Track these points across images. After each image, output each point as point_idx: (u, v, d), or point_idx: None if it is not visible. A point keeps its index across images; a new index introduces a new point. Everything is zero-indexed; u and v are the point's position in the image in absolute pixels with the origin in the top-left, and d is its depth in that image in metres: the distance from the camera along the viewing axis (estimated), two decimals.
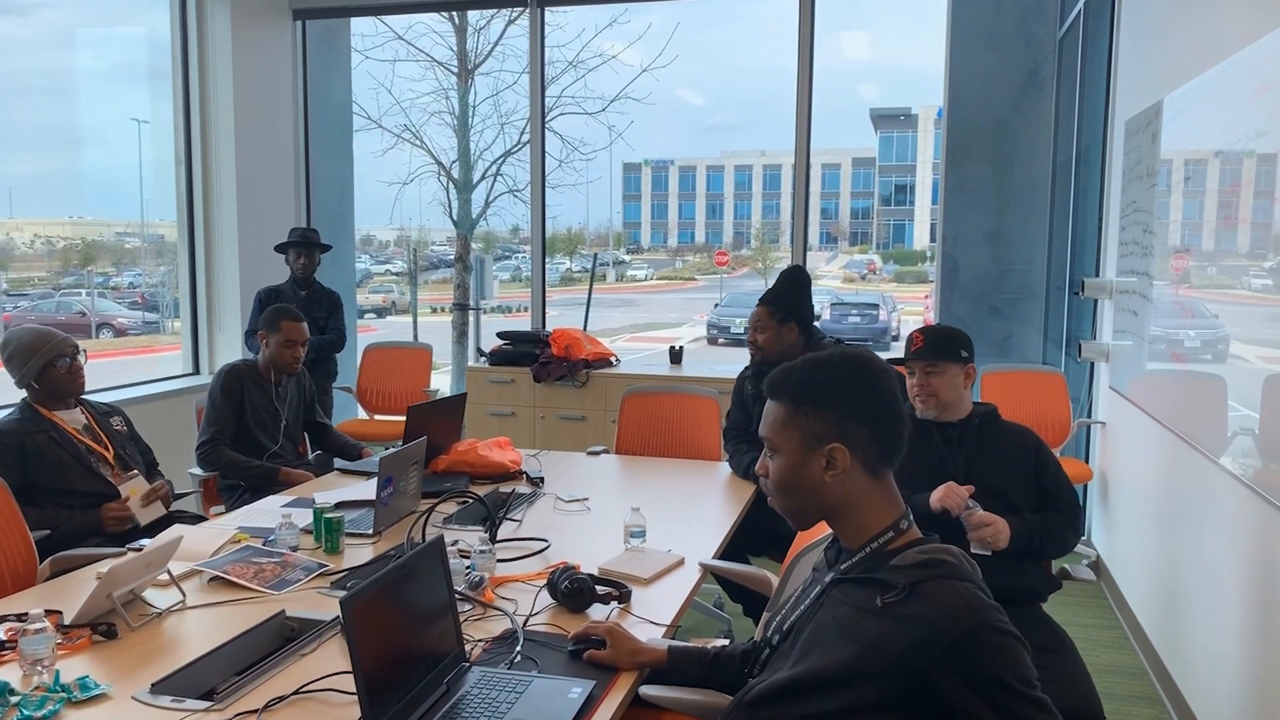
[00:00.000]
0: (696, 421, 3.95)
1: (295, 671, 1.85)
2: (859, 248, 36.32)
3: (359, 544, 2.63)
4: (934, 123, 39.50)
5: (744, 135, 50.76)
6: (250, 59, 5.31)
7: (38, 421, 2.90)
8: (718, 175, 43.77)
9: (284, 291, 4.92)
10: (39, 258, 12.98)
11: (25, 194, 7.70)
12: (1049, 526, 2.55)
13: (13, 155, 5.89)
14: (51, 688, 1.72)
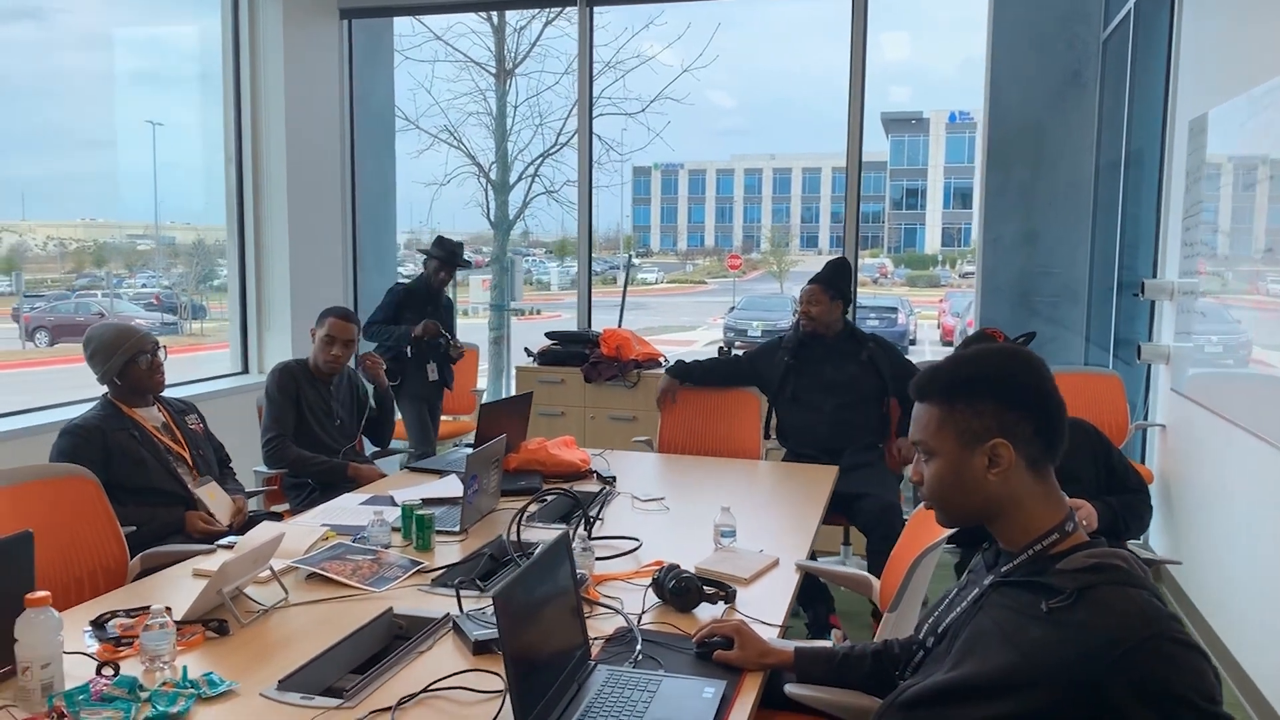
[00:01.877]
0: (738, 418, 4.01)
1: (416, 670, 1.83)
2: (870, 251, 36.30)
3: (447, 541, 2.61)
4: (946, 127, 39.49)
5: (754, 139, 50.66)
6: (300, 58, 5.31)
7: (119, 418, 2.89)
8: (727, 179, 43.78)
9: (417, 291, 5.01)
10: (51, 259, 13.04)
11: (37, 197, 7.70)
12: (1128, 506, 2.56)
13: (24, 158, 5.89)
14: (180, 683, 1.71)
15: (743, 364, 4.15)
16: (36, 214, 9.31)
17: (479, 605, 2.11)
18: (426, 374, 4.93)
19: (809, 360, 3.92)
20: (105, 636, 1.95)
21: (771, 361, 4.01)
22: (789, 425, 3.95)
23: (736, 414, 4.04)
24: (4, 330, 13.36)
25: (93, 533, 2.54)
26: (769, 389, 4.00)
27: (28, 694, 1.64)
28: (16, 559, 1.77)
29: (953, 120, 39.07)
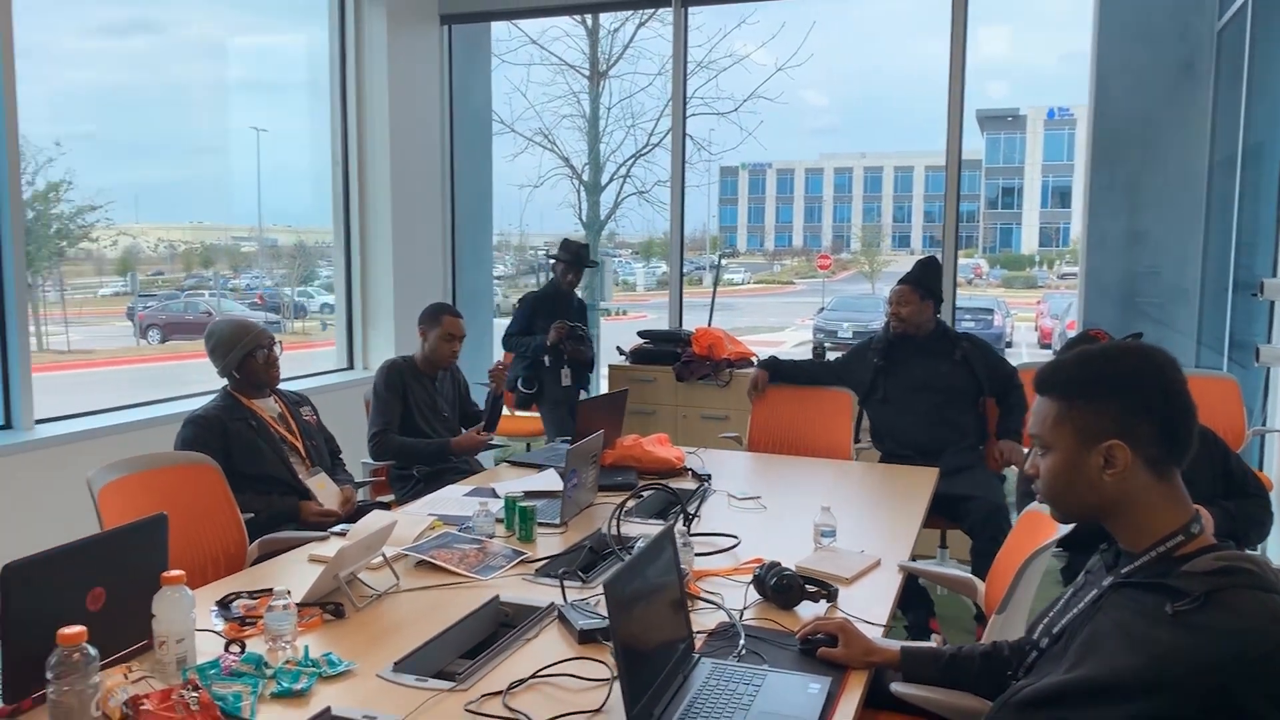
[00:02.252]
0: (830, 416, 3.98)
1: (523, 656, 1.87)
2: (965, 252, 35.45)
3: (548, 533, 2.66)
4: (1044, 123, 38.32)
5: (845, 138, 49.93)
6: (403, 64, 5.47)
7: (238, 409, 3.03)
8: (816, 178, 43.26)
9: (547, 297, 5.06)
10: (162, 260, 13.59)
11: (150, 201, 8.05)
12: (1247, 512, 2.46)
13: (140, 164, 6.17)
14: (302, 662, 1.78)
15: (835, 365, 4.13)
16: (149, 217, 9.71)
17: (581, 596, 2.16)
18: (561, 379, 4.92)
19: (900, 361, 3.88)
20: (230, 616, 2.05)
21: (862, 363, 3.98)
22: (883, 426, 3.91)
23: (828, 413, 4.00)
24: (120, 328, 14.03)
25: (215, 518, 2.67)
26: (860, 390, 3.96)
27: (164, 666, 1.73)
28: (153, 539, 1.88)
29: (1051, 116, 37.89)
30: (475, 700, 1.67)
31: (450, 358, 3.77)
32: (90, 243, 8.03)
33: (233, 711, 1.60)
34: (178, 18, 6.17)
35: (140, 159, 6.28)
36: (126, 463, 2.53)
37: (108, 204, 6.72)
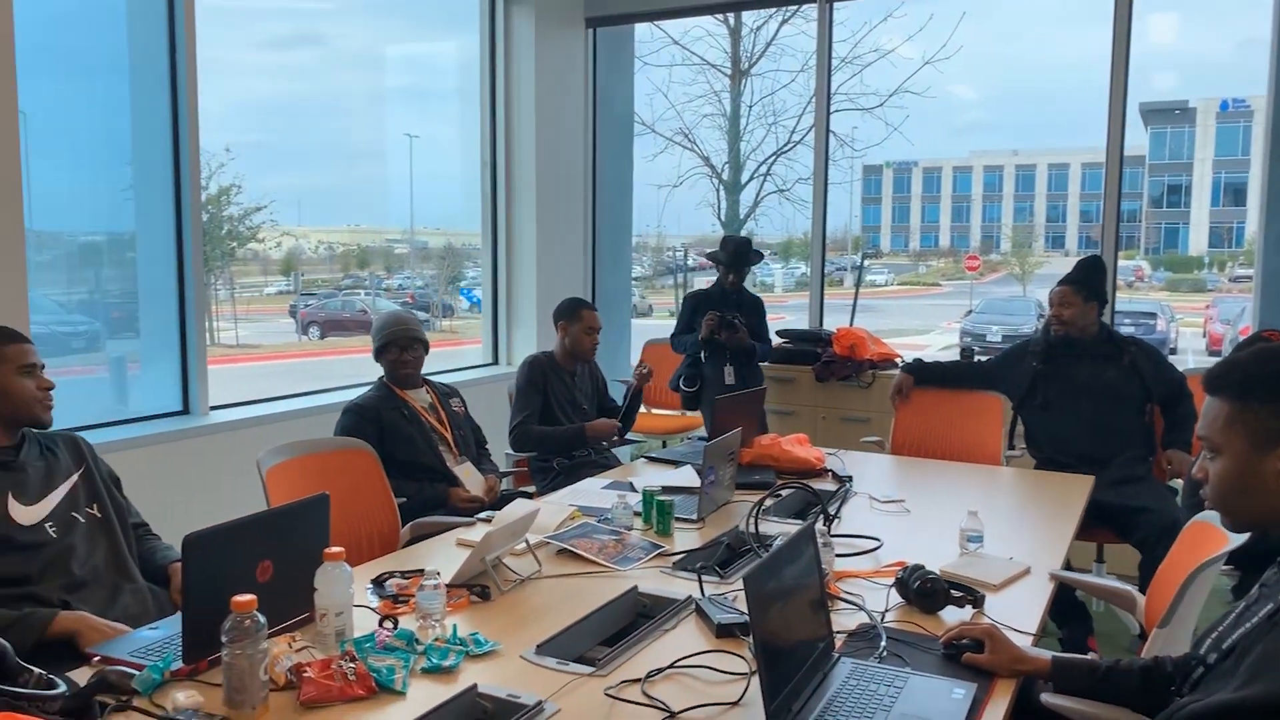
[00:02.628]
0: (979, 421, 3.85)
1: (661, 647, 1.89)
2: (1125, 253, 33.53)
3: (685, 528, 2.68)
4: (1216, 116, 35.86)
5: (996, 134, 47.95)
6: (549, 68, 5.61)
7: (392, 399, 3.18)
8: (965, 176, 41.78)
9: (708, 296, 4.88)
10: (322, 261, 14.33)
11: (312, 204, 8.49)
12: None
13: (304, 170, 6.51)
14: (451, 640, 1.85)
15: (985, 368, 3.98)
16: (311, 220, 10.27)
17: (718, 591, 2.16)
18: (724, 376, 4.71)
19: (1061, 365, 3.70)
20: (384, 593, 2.15)
21: (1018, 367, 3.82)
22: (1041, 433, 3.73)
23: (977, 418, 3.87)
24: (284, 325, 14.90)
25: (371, 501, 2.80)
26: (1015, 395, 3.81)
27: (324, 638, 1.83)
28: (316, 517, 1.99)
29: (1224, 109, 35.39)
30: (615, 686, 1.70)
31: (591, 350, 3.87)
32: (257, 243, 8.57)
33: (386, 683, 1.68)
34: (340, 31, 6.51)
35: (303, 165, 6.65)
36: (291, 446, 2.70)
37: (273, 206, 7.16)
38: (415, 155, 6.58)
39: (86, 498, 2.20)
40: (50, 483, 2.15)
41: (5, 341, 2.13)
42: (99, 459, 2.30)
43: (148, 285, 4.04)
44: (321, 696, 1.62)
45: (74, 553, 2.09)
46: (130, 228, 4.06)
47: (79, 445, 2.28)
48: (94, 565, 2.12)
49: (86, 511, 2.18)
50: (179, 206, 3.95)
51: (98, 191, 4.02)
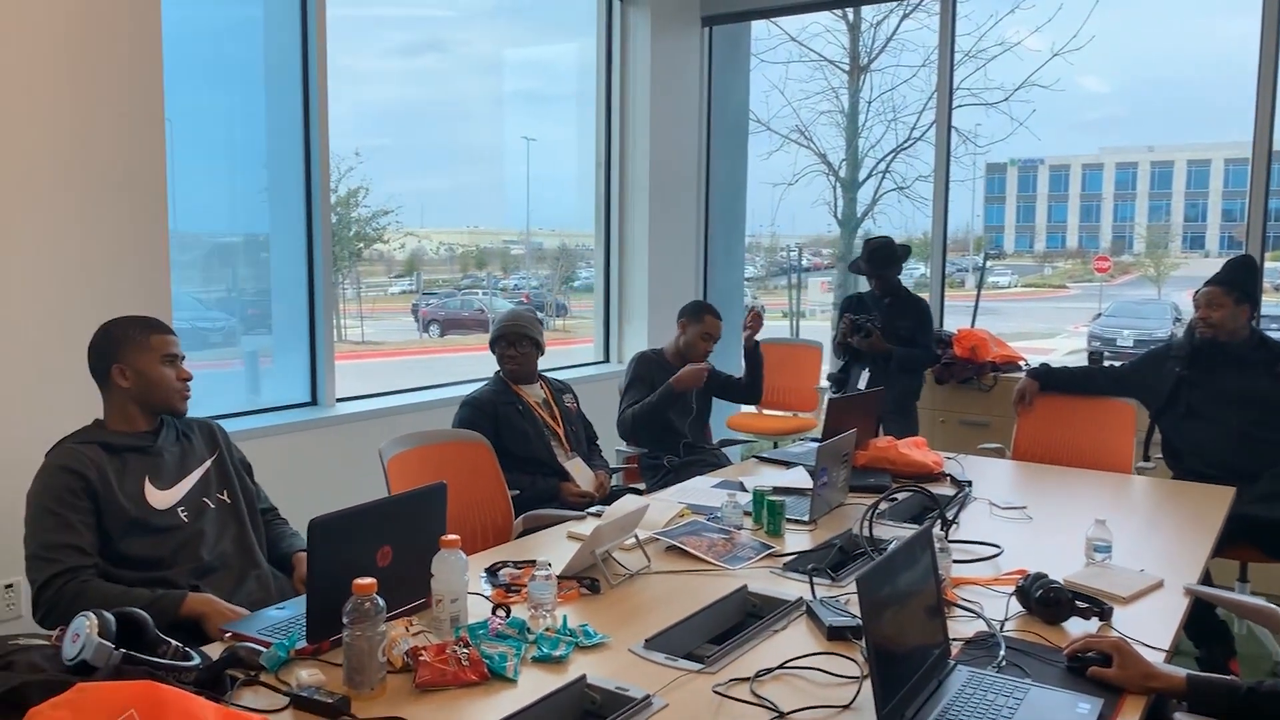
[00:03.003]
0: (1108, 429, 3.67)
1: (770, 647, 1.87)
2: (1272, 254, 31.50)
3: (796, 530, 2.64)
4: None
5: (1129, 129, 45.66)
6: (665, 67, 5.63)
7: (507, 394, 3.25)
8: (1095, 174, 39.93)
9: (865, 298, 4.59)
10: (443, 262, 14.73)
11: (434, 207, 8.70)
12: None
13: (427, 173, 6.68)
14: (561, 631, 1.88)
15: (1119, 373, 3.78)
16: (433, 222, 10.54)
17: (830, 594, 2.12)
18: (858, 382, 4.49)
19: (1206, 371, 3.48)
20: (497, 582, 2.19)
21: (1158, 372, 3.61)
22: (1182, 443, 3.52)
23: (1106, 426, 3.68)
24: (405, 323, 15.41)
25: (486, 492, 2.87)
26: (1154, 402, 3.60)
27: (439, 623, 1.88)
28: (434, 505, 2.05)
29: None
30: (723, 684, 1.69)
31: (702, 356, 3.85)
32: (383, 244, 8.88)
33: (498, 670, 1.71)
34: (463, 37, 6.67)
35: (426, 168, 6.84)
36: (411, 437, 2.78)
37: (398, 209, 7.40)
38: (532, 158, 6.69)
39: (218, 484, 2.30)
40: (185, 468, 2.25)
41: (150, 331, 2.23)
42: (232, 446, 2.40)
43: (280, 284, 4.24)
44: (436, 680, 1.66)
45: (203, 538, 2.19)
46: (265, 229, 4.27)
47: (214, 432, 2.38)
48: (222, 551, 2.22)
49: (217, 497, 2.28)
50: (310, 209, 4.13)
51: (235, 194, 4.24)
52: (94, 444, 2.13)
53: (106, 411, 2.23)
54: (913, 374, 4.49)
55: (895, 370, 4.39)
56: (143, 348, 2.20)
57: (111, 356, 2.19)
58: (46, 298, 3.05)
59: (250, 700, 1.61)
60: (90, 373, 2.23)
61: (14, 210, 2.97)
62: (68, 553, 1.99)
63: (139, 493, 2.13)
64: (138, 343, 2.20)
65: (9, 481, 2.58)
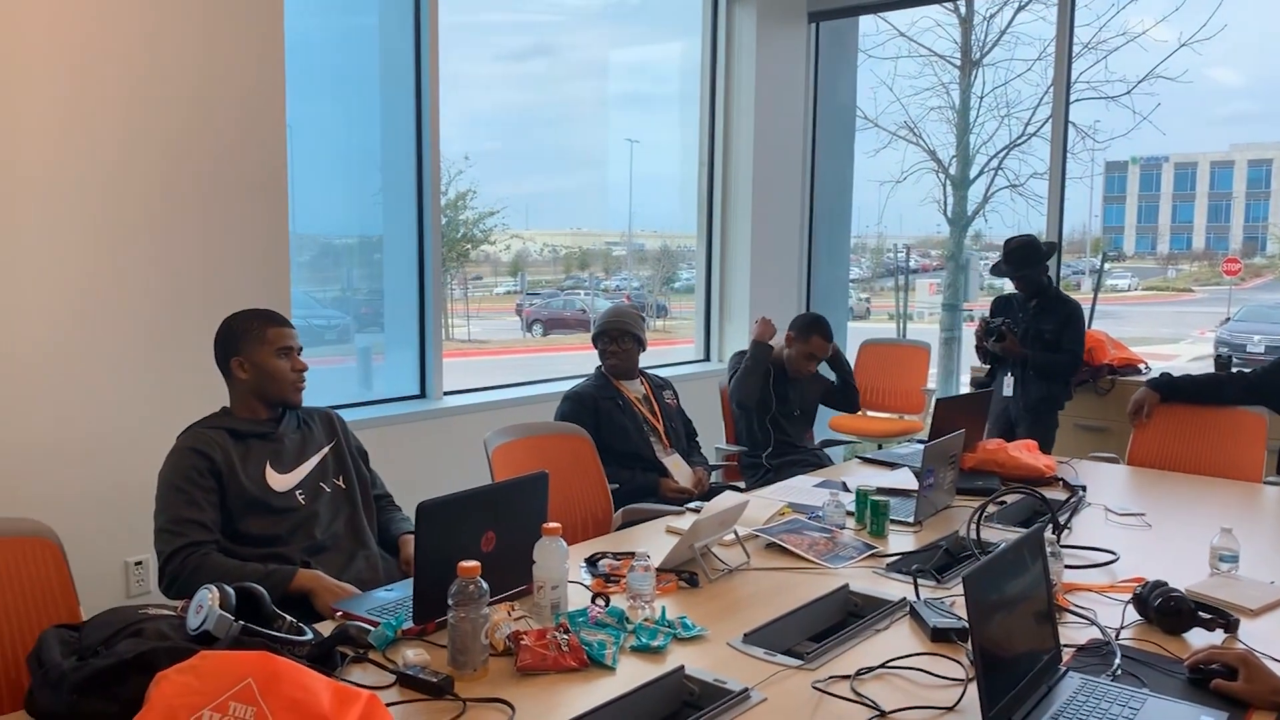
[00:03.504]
0: (1235, 441, 3.45)
1: (872, 646, 1.84)
2: None
3: (900, 531, 2.59)
4: None
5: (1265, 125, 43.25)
6: (770, 65, 5.60)
7: (608, 389, 3.28)
8: (1225, 172, 37.91)
9: (1013, 300, 4.36)
10: (546, 263, 14.96)
11: (539, 209, 8.83)
12: None
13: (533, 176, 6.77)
14: (660, 621, 1.88)
15: (1251, 380, 3.52)
16: (537, 224, 10.70)
17: (935, 595, 2.08)
18: (1001, 386, 4.28)
19: None
20: (596, 572, 2.22)
21: None
22: None
23: (1233, 436, 3.45)
24: (510, 322, 15.72)
25: (586, 484, 2.90)
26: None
27: (540, 609, 1.91)
28: (535, 493, 2.08)
29: None
30: (823, 680, 1.67)
31: (803, 374, 3.87)
32: (489, 245, 9.07)
33: (597, 657, 1.73)
34: (570, 41, 6.77)
35: (531, 171, 6.96)
36: (516, 428, 2.84)
37: (503, 211, 7.55)
38: (634, 159, 6.73)
39: (334, 469, 2.39)
40: (303, 454, 2.35)
41: (267, 324, 2.32)
42: (350, 434, 2.49)
43: (393, 283, 4.38)
44: (537, 664, 1.69)
45: (317, 519, 2.28)
46: (378, 231, 4.41)
47: (333, 421, 2.47)
48: (334, 532, 2.30)
49: (333, 482, 2.37)
50: (421, 211, 4.25)
51: (348, 197, 4.40)
52: (221, 429, 2.24)
53: (231, 400, 2.34)
54: (1051, 380, 4.24)
55: (1032, 376, 4.20)
56: (259, 341, 2.29)
57: (232, 350, 2.29)
58: (178, 294, 3.21)
59: (358, 677, 1.66)
60: (215, 364, 2.34)
61: (151, 212, 3.14)
62: (192, 528, 2.10)
63: (260, 476, 2.23)
64: (255, 336, 2.29)
65: (141, 466, 2.73)
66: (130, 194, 3.09)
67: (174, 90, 3.17)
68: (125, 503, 3.04)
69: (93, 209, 3.01)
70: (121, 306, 3.09)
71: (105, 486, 3.06)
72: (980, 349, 4.32)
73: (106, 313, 3.06)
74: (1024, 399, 4.19)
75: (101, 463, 3.06)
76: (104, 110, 3.01)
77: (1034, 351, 4.18)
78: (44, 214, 2.92)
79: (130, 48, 3.05)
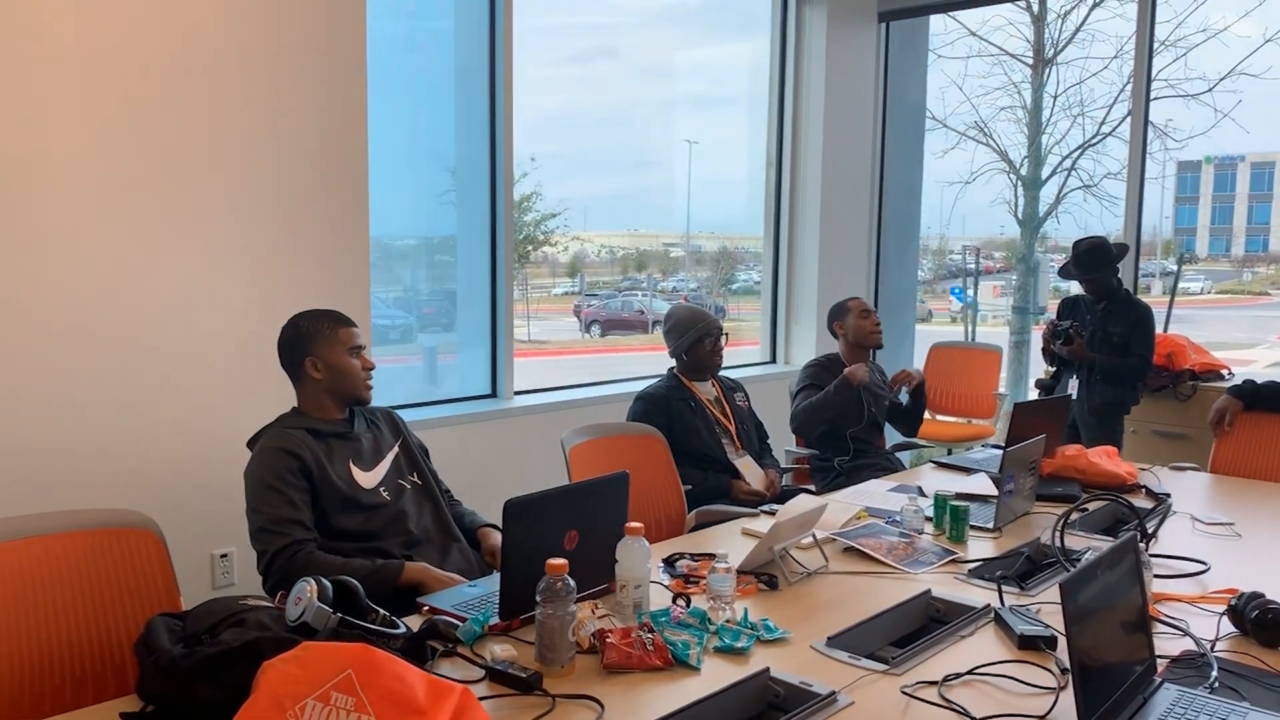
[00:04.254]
0: None
1: (957, 652, 1.82)
2: None
3: (979, 537, 2.56)
4: None
5: None
6: (840, 65, 5.56)
7: (680, 390, 3.29)
8: None
9: (1081, 302, 4.28)
10: (604, 264, 15.01)
11: (597, 210, 8.85)
12: None
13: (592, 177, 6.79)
14: (742, 623, 1.89)
15: None
16: (596, 225, 10.74)
17: (1019, 603, 2.05)
18: (1067, 390, 4.22)
19: None
20: (675, 573, 2.22)
21: None
22: None
23: None
24: (568, 323, 15.81)
25: (660, 485, 2.91)
26: None
27: (623, 608, 1.93)
28: (617, 493, 2.10)
29: None
30: (911, 685, 1.66)
31: (875, 333, 3.77)
32: (550, 247, 9.14)
33: (682, 657, 1.74)
34: (634, 42, 6.78)
35: (592, 173, 6.98)
36: (591, 428, 2.87)
37: (565, 213, 7.59)
38: (695, 161, 6.72)
39: (407, 466, 2.43)
40: (379, 453, 2.39)
41: (337, 324, 2.37)
42: (410, 432, 2.53)
43: (465, 283, 4.44)
44: (623, 662, 1.71)
45: (407, 515, 2.33)
46: (443, 232, 4.47)
47: (395, 420, 2.52)
48: (424, 526, 2.35)
49: (410, 479, 2.41)
50: (494, 213, 4.31)
51: (418, 199, 4.46)
52: (300, 429, 2.29)
53: (301, 401, 2.37)
54: (1118, 385, 4.15)
55: (1098, 379, 4.12)
56: (331, 340, 2.32)
57: (303, 350, 2.33)
58: (265, 293, 3.30)
59: (448, 670, 1.69)
60: (282, 366, 2.38)
61: (238, 214, 3.23)
62: (294, 527, 2.15)
63: (348, 474, 2.28)
64: (326, 336, 2.33)
65: (227, 462, 2.81)
66: (219, 195, 3.19)
67: (259, 96, 3.25)
68: (212, 496, 3.13)
69: (187, 209, 3.11)
70: (212, 305, 3.19)
71: (193, 480, 3.15)
72: (1047, 351, 4.24)
73: (199, 311, 3.16)
74: (1089, 402, 4.11)
75: (189, 457, 3.16)
76: (194, 114, 3.10)
77: (1102, 355, 4.09)
78: (143, 215, 3.01)
79: (219, 53, 3.14)
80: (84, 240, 2.91)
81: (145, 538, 1.90)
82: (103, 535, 1.85)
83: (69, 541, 1.80)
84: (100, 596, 1.82)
